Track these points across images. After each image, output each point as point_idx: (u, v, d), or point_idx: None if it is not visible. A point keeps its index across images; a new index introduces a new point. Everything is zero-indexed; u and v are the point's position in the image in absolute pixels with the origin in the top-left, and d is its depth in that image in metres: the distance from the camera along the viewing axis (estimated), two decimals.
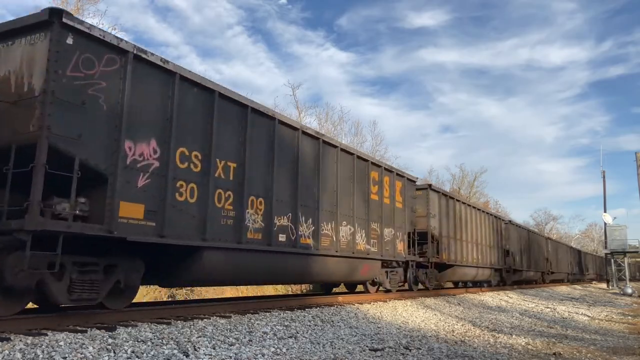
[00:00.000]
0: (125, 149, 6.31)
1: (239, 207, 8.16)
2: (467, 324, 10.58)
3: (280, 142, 9.33)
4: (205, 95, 7.69)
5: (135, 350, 5.00)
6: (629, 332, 11.46)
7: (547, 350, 7.61)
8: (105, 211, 6.03)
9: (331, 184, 11.03)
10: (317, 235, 10.32)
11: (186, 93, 7.32)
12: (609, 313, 16.71)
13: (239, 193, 8.20)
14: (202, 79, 7.64)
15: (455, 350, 6.89)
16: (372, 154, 32.97)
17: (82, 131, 5.82)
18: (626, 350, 8.13)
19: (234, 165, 8.17)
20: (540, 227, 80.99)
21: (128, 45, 6.42)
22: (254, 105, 8.69)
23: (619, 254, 39.27)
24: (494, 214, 25.79)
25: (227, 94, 8.08)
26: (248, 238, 8.34)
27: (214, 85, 7.85)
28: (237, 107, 8.34)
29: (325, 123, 37.17)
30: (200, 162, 7.50)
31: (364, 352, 6.24)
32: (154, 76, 6.81)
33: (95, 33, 6.02)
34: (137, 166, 6.48)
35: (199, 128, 7.53)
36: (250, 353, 5.48)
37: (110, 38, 6.24)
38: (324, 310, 9.38)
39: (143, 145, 6.58)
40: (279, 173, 9.22)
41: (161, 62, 6.88)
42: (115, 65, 6.27)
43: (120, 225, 6.18)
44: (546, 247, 34.81)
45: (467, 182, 57.21)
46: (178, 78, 7.11)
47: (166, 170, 6.87)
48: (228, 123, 8.10)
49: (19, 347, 4.62)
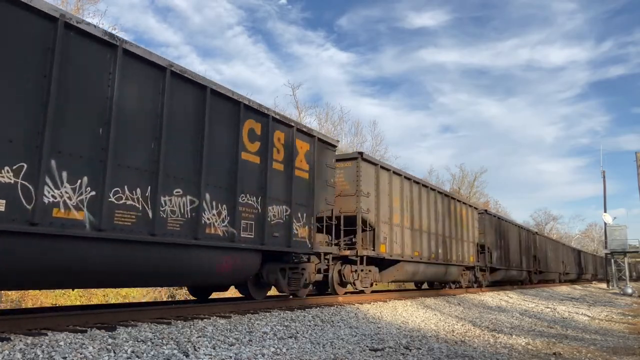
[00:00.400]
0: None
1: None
2: (467, 324, 10.58)
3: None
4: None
5: (135, 350, 5.00)
6: (629, 332, 11.46)
7: (547, 350, 7.61)
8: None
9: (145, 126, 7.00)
10: (101, 205, 6.20)
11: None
12: (609, 313, 16.71)
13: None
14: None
15: (456, 350, 6.89)
16: (372, 154, 32.91)
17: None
18: (626, 350, 8.12)
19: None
20: (540, 227, 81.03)
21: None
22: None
23: (619, 254, 39.29)
24: (464, 201, 20.96)
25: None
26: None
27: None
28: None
29: (325, 123, 37.25)
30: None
31: (364, 352, 6.24)
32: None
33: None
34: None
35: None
36: (250, 353, 5.48)
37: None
38: (324, 310, 9.38)
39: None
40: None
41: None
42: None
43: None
44: (534, 243, 32.02)
45: (467, 182, 57.29)
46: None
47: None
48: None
49: (19, 347, 4.62)
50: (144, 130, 6.98)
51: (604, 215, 40.96)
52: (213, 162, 8.04)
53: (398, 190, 14.61)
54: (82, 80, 6.20)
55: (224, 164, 8.32)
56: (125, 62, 6.70)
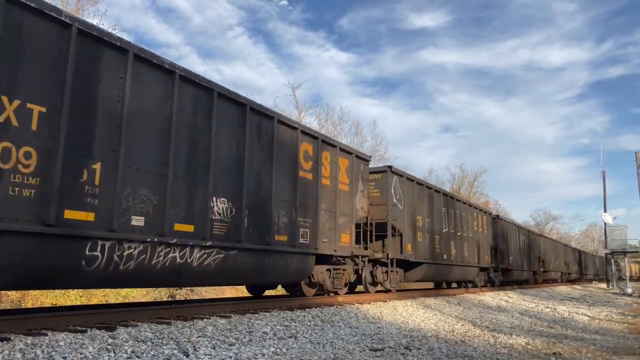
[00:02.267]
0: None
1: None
2: (467, 324, 10.57)
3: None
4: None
5: (135, 350, 5.00)
6: (629, 332, 11.46)
7: (547, 350, 7.61)
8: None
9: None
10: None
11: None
12: (609, 313, 16.70)
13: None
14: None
15: (456, 350, 6.89)
16: (372, 154, 32.90)
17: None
18: (626, 350, 8.12)
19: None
20: (540, 227, 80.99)
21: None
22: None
23: (619, 254, 39.27)
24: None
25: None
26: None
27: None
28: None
29: (326, 123, 37.26)
30: None
31: (364, 352, 6.24)
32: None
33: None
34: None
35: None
36: (250, 353, 5.48)
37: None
38: (324, 310, 9.38)
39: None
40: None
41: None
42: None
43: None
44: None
45: (467, 182, 57.34)
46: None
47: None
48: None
49: (19, 347, 4.62)
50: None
51: (604, 215, 40.93)
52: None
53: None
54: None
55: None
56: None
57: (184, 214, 7.43)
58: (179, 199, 7.35)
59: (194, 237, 7.56)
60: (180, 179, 7.42)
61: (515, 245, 27.06)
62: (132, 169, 6.64)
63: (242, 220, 8.53)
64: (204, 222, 7.76)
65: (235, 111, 8.66)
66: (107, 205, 6.26)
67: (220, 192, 8.16)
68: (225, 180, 8.31)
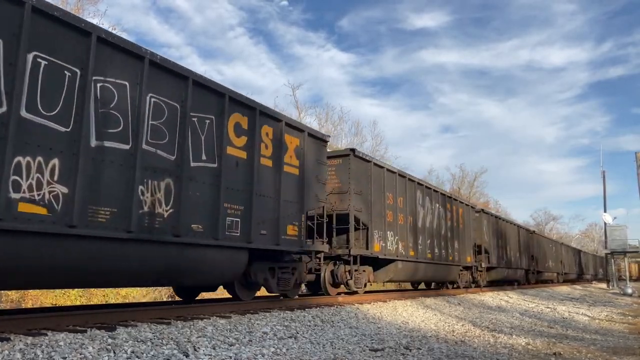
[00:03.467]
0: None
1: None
2: (467, 324, 10.57)
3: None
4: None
5: (135, 350, 5.00)
6: (629, 332, 11.45)
7: (547, 350, 7.60)
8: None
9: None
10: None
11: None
12: (609, 313, 16.70)
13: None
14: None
15: (456, 350, 6.88)
16: (372, 154, 32.86)
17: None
18: (626, 350, 8.12)
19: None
20: (540, 227, 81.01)
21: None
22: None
23: (619, 254, 39.28)
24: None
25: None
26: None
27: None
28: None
29: (326, 123, 37.27)
30: None
31: (364, 352, 6.24)
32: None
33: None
34: None
35: None
36: (250, 353, 5.48)
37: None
38: (324, 310, 9.37)
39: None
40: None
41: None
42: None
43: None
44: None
45: (467, 182, 57.38)
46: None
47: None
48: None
49: (19, 347, 4.62)
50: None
51: (604, 215, 40.96)
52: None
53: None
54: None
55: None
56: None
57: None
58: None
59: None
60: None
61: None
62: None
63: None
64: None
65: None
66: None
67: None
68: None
